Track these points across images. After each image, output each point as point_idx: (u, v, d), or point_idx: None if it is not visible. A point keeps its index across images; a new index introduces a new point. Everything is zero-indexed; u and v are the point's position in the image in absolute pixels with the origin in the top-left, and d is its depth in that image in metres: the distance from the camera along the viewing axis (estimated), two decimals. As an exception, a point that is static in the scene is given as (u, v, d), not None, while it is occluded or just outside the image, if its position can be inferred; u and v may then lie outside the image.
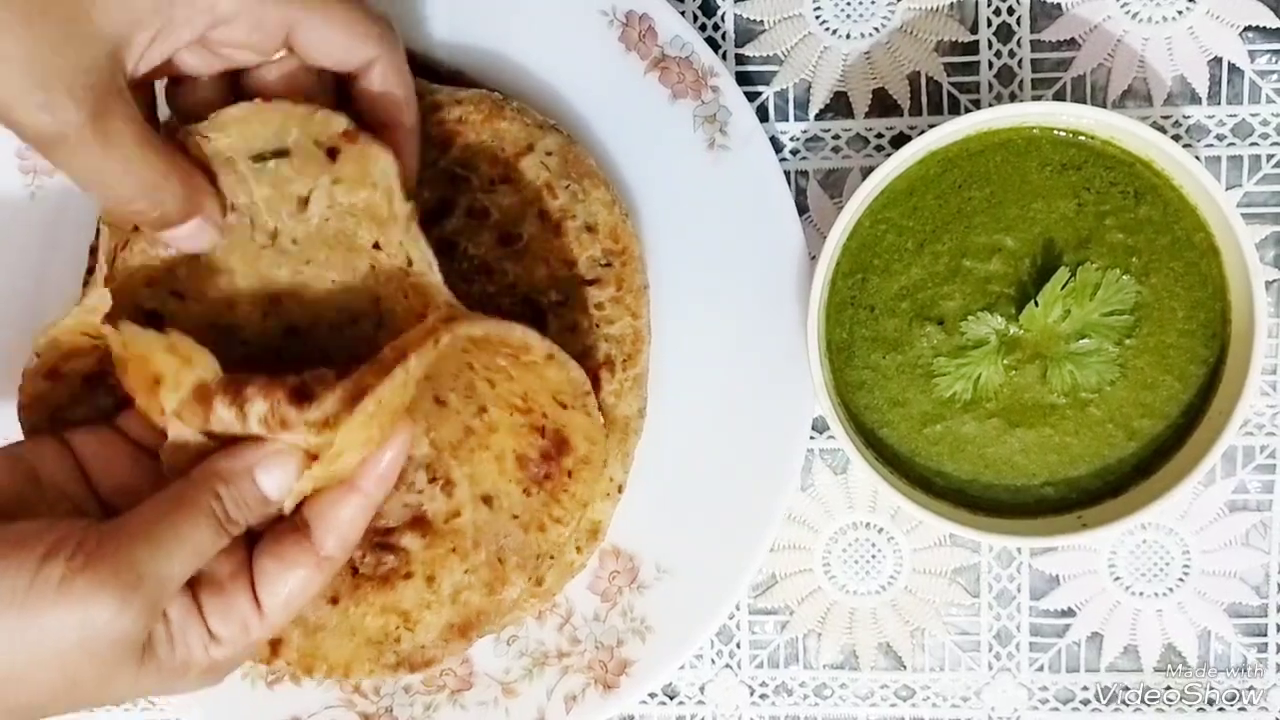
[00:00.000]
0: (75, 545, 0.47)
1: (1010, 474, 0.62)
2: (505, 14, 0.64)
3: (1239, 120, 0.65)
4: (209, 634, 0.52)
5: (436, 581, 0.60)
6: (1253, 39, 0.65)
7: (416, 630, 0.60)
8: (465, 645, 0.61)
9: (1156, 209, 0.60)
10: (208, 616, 0.51)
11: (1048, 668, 0.69)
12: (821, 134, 0.67)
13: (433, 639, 0.60)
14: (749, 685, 0.70)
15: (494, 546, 0.60)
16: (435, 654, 0.61)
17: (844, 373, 0.62)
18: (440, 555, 0.59)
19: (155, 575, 0.48)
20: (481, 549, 0.60)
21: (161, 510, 0.50)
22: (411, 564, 0.59)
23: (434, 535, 0.59)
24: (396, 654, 0.60)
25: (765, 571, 0.70)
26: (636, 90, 0.64)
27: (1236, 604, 0.68)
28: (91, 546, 0.47)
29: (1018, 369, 0.61)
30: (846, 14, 0.66)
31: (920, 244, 0.61)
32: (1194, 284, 0.61)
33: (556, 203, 0.62)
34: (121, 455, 0.56)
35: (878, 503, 0.69)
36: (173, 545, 0.49)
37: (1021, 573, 0.69)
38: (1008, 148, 0.61)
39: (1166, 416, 0.62)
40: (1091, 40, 0.65)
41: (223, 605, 0.52)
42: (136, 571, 0.47)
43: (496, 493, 0.59)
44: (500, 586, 0.60)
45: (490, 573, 0.60)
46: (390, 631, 0.59)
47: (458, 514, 0.59)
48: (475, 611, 0.60)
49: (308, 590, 0.53)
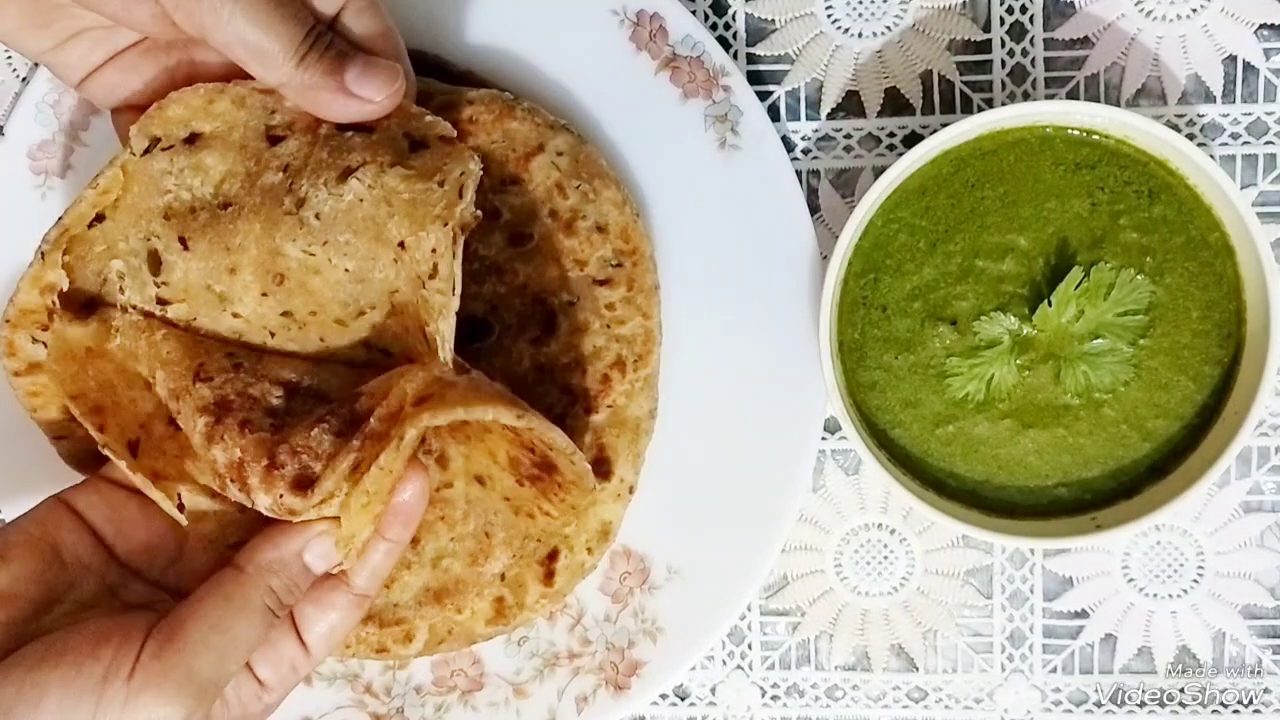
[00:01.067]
0: (133, 662, 0.47)
1: (1023, 475, 0.62)
2: (516, 14, 0.64)
3: (1254, 119, 0.65)
4: (259, 684, 0.53)
5: (420, 544, 0.60)
6: (1268, 36, 0.64)
7: (393, 588, 0.61)
8: (437, 611, 0.61)
9: (1171, 208, 0.60)
10: (256, 668, 0.53)
11: (1061, 669, 0.69)
12: (833, 133, 0.67)
13: (407, 599, 0.61)
14: (760, 686, 0.70)
15: (482, 521, 0.60)
16: (406, 615, 0.61)
17: (856, 373, 0.62)
18: (428, 520, 0.60)
19: (215, 681, 0.49)
20: (470, 521, 0.60)
21: (217, 613, 0.50)
22: None
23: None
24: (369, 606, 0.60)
25: (777, 572, 0.69)
26: (647, 90, 0.64)
27: (1251, 605, 0.68)
28: (149, 660, 0.47)
29: (1031, 369, 0.61)
30: (858, 13, 0.66)
31: (933, 244, 0.61)
32: (1209, 284, 0.60)
33: (567, 203, 0.62)
34: (128, 512, 0.56)
35: (890, 504, 0.68)
36: (230, 649, 0.50)
37: (1034, 574, 0.68)
38: (1021, 147, 0.60)
39: (1181, 417, 0.61)
40: (1105, 39, 0.65)
41: (271, 654, 0.53)
42: (198, 684, 0.48)
43: (489, 475, 0.59)
44: (483, 559, 0.61)
45: (475, 544, 0.60)
46: None
47: (450, 485, 0.60)
48: (454, 580, 0.61)
49: (348, 624, 0.55)
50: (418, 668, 0.68)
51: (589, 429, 0.62)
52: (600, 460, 0.62)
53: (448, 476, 0.60)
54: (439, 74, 0.64)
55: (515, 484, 0.59)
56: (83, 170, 0.66)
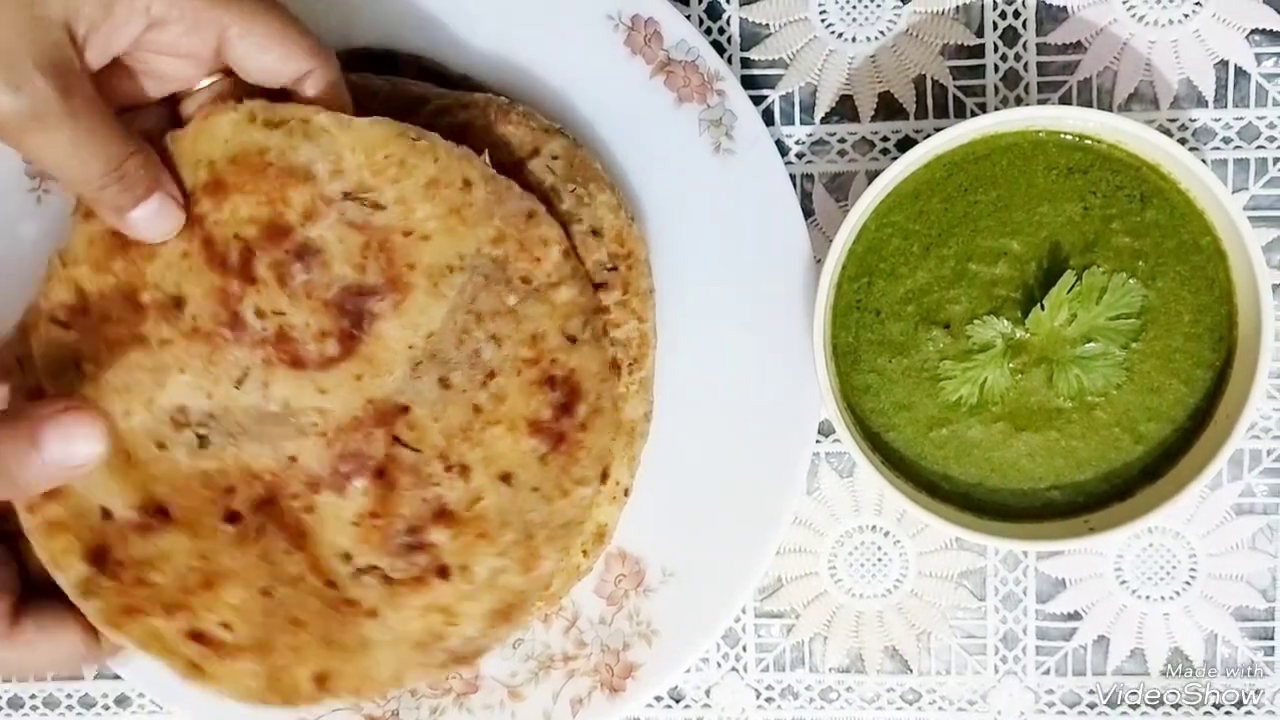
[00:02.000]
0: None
1: (1016, 478, 0.62)
2: (512, 19, 0.64)
3: (1245, 123, 0.65)
4: None
5: (470, 570, 0.58)
6: (1259, 42, 0.65)
7: (461, 623, 0.58)
8: (511, 629, 0.59)
9: (1163, 212, 0.60)
10: None
11: (1054, 671, 0.69)
12: (827, 137, 0.67)
13: (479, 628, 0.58)
14: (755, 689, 0.70)
15: (520, 524, 0.58)
16: (484, 643, 0.58)
17: (850, 376, 0.62)
18: (469, 543, 0.58)
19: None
20: (509, 529, 0.58)
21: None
22: (443, 558, 0.58)
23: (459, 525, 0.58)
24: (445, 651, 0.58)
25: (771, 575, 0.70)
26: (642, 94, 0.64)
27: (1243, 607, 0.68)
28: None
29: (1024, 373, 0.61)
30: (852, 17, 0.66)
31: (926, 248, 0.61)
32: (1200, 288, 0.61)
33: (562, 207, 0.62)
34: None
35: (884, 506, 0.69)
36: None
37: (1028, 576, 0.69)
38: (1013, 151, 0.61)
39: (1173, 420, 0.62)
40: (1097, 43, 0.65)
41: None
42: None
43: (513, 468, 0.58)
44: (535, 563, 0.58)
45: (522, 550, 0.58)
46: (435, 631, 0.58)
47: (479, 498, 0.58)
48: (515, 593, 0.58)
49: None
50: (413, 670, 0.68)
51: (584, 432, 0.62)
52: (596, 463, 0.63)
53: (474, 489, 0.58)
54: (436, 79, 0.64)
55: (540, 463, 0.58)
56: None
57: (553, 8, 0.64)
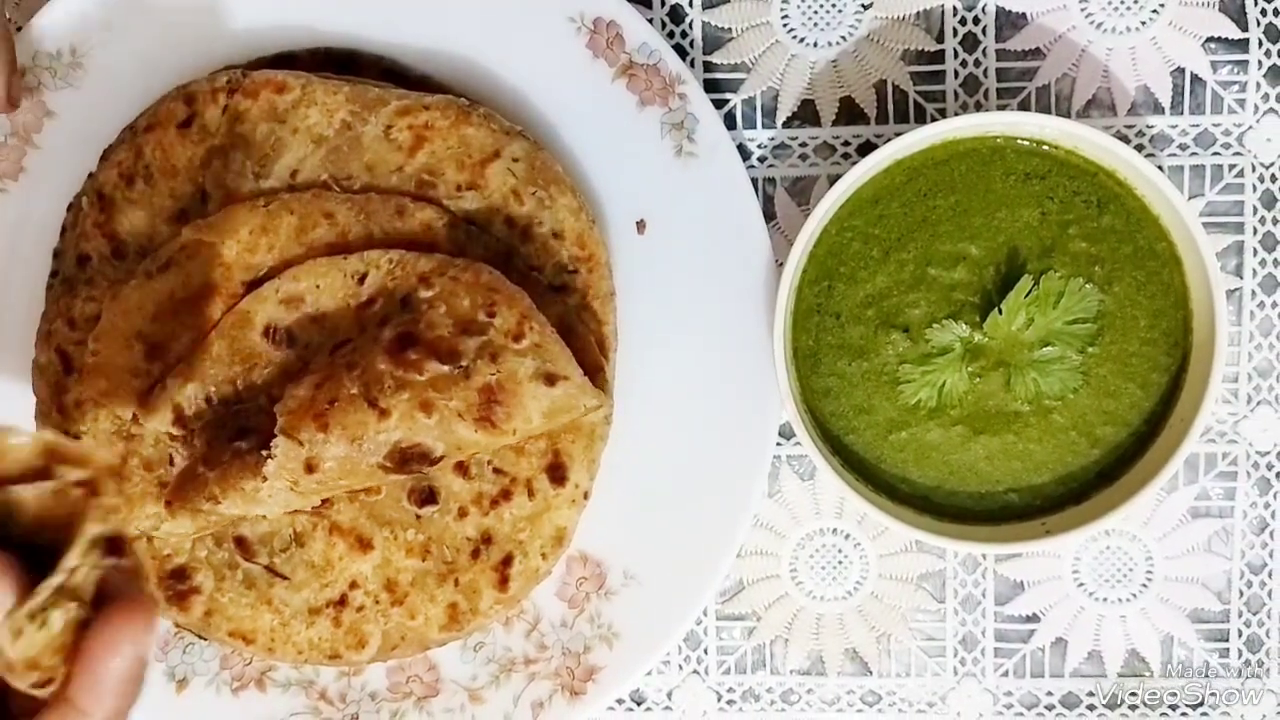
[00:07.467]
0: None
1: (974, 481, 0.62)
2: (473, 19, 0.64)
3: (1201, 130, 0.66)
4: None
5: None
6: (1215, 50, 0.65)
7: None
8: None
9: (1119, 218, 0.61)
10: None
11: (1013, 673, 0.69)
12: (789, 142, 0.67)
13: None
14: (716, 691, 0.70)
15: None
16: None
17: (810, 380, 0.62)
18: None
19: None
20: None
21: None
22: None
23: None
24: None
25: (732, 577, 0.70)
26: (604, 97, 0.64)
27: (1199, 610, 0.69)
28: None
29: (982, 376, 0.62)
30: (814, 22, 0.66)
31: (886, 252, 0.62)
32: (1156, 293, 0.61)
33: (523, 209, 0.62)
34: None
35: (844, 509, 0.69)
36: None
37: (986, 578, 0.69)
38: (972, 157, 0.61)
39: (1129, 424, 0.62)
40: (1056, 50, 0.66)
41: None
42: None
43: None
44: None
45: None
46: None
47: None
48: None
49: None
50: (373, 674, 0.67)
51: (544, 434, 0.62)
52: (555, 465, 0.63)
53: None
54: (396, 79, 0.64)
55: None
56: (35, 173, 0.66)
57: (515, 10, 0.64)
